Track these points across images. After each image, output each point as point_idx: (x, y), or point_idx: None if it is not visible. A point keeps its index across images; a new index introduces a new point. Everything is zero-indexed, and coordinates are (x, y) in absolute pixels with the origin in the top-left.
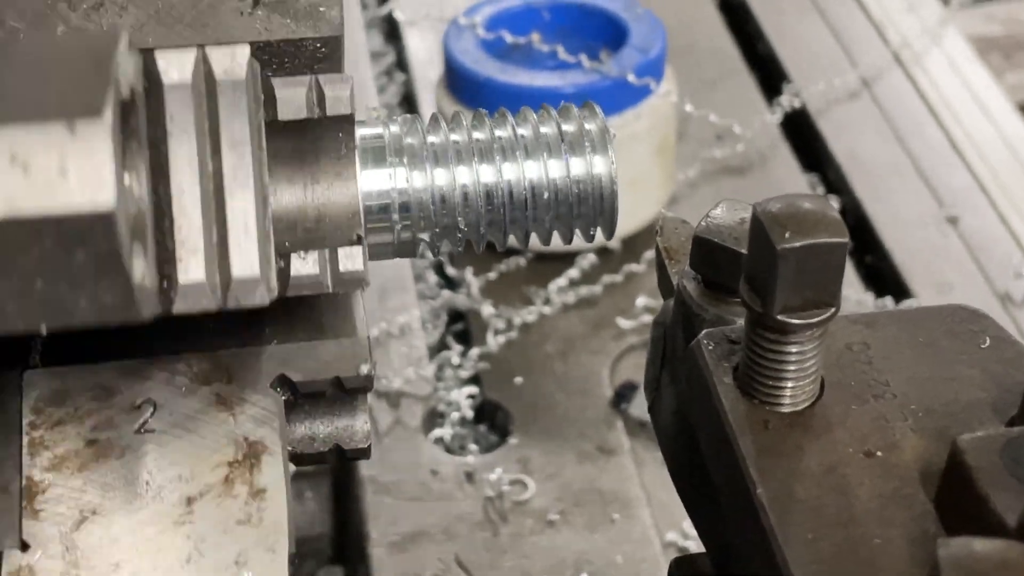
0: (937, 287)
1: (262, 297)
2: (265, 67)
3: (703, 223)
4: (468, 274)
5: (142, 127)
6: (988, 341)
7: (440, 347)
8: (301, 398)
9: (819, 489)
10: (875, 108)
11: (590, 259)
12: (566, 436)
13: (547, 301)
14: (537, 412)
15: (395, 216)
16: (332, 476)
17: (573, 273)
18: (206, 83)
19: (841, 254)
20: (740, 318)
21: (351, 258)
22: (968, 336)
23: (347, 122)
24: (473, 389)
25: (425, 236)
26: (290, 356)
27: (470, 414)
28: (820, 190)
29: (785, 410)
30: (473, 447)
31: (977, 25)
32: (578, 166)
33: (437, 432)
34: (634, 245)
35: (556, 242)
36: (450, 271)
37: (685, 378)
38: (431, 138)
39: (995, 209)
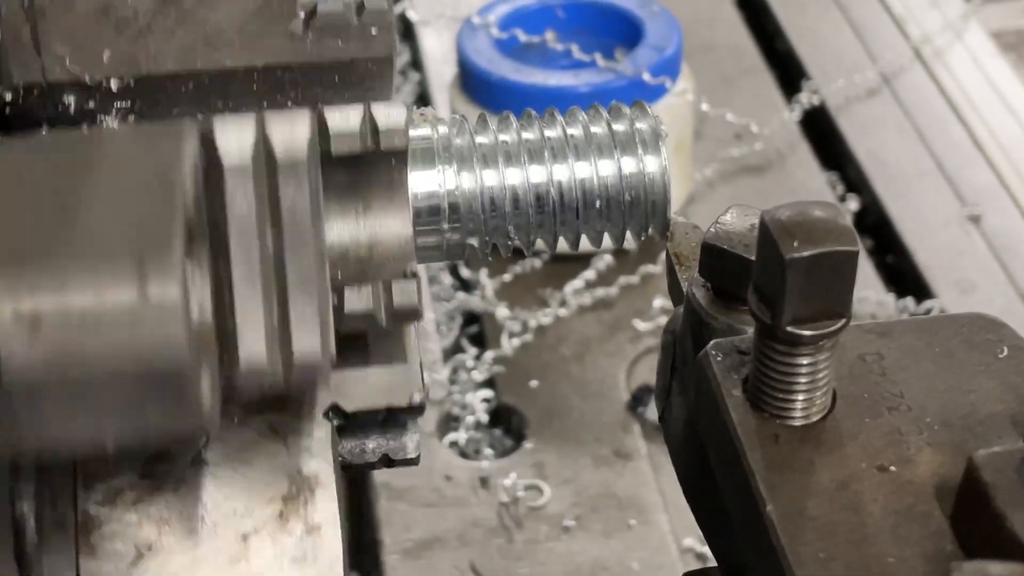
0: (959, 287)
1: (324, 377)
2: (313, 85)
3: (712, 229)
4: (483, 276)
5: (203, 212)
6: (1006, 351)
7: (454, 350)
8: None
9: (831, 506)
10: (896, 105)
11: (606, 260)
12: (582, 440)
13: (563, 303)
14: (553, 416)
15: (444, 218)
16: (345, 482)
17: (589, 275)
18: (267, 163)
19: (852, 263)
20: (751, 327)
21: (405, 292)
22: (986, 346)
23: (400, 155)
24: (488, 392)
25: (474, 239)
26: (342, 384)
27: (485, 418)
28: (840, 189)
29: (796, 423)
30: (488, 451)
31: (1008, 18)
32: (630, 166)
33: (451, 436)
34: (651, 246)
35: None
36: (465, 273)
37: (693, 389)
38: (480, 139)
39: (1018, 207)
